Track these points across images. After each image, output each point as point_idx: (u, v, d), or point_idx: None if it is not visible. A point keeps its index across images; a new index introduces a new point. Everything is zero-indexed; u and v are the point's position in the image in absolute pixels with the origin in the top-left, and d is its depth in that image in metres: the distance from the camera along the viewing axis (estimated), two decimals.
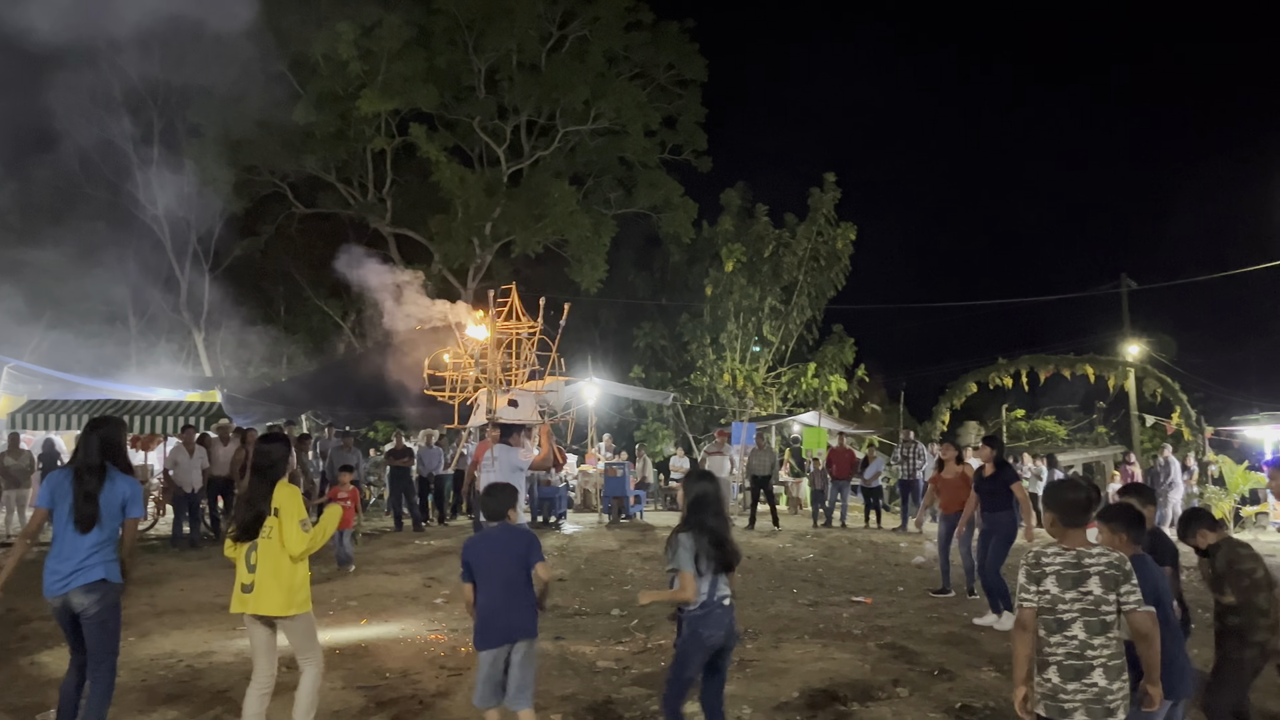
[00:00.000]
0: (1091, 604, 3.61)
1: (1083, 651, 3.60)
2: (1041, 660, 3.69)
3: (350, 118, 24.61)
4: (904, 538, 15.32)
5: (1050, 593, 3.65)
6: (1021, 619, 3.71)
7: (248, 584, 4.61)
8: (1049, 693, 3.64)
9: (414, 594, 9.44)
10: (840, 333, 28.59)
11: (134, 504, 4.73)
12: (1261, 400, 27.40)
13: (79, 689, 4.73)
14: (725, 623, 4.54)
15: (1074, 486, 3.93)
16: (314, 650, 4.78)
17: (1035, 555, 3.75)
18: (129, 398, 15.65)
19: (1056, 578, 3.65)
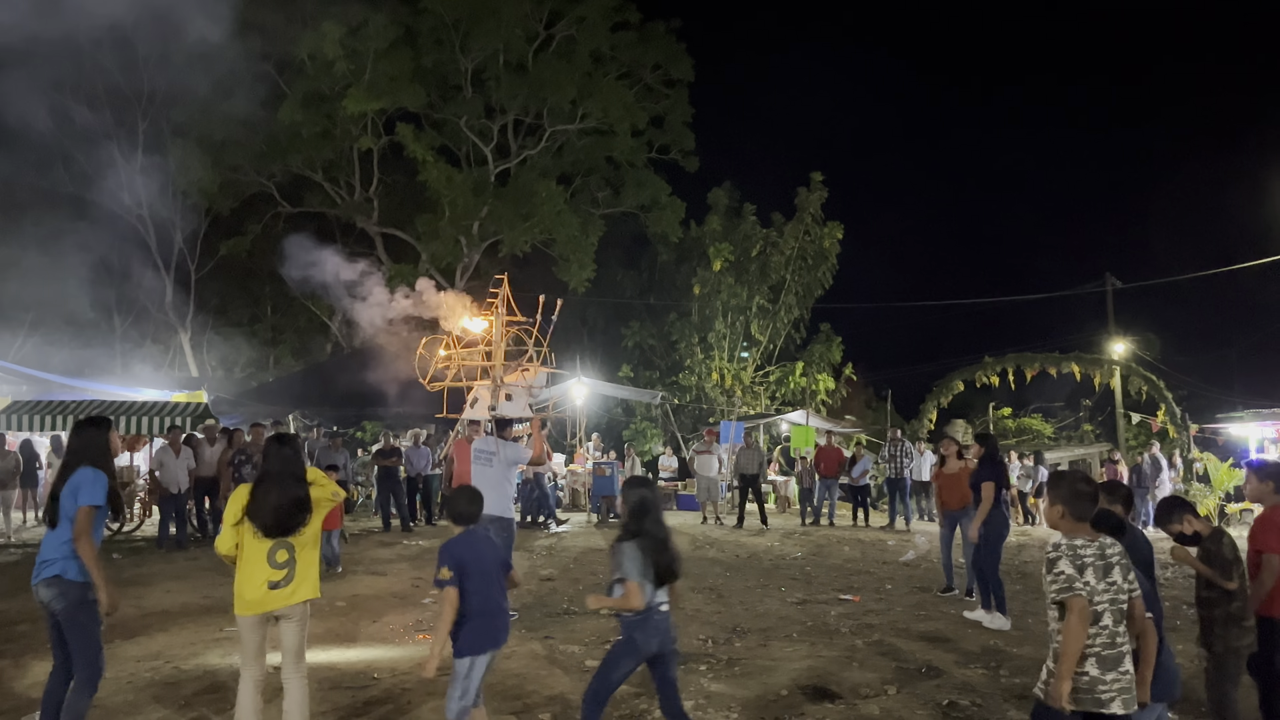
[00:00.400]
0: (1116, 593, 3.66)
1: (1114, 640, 3.63)
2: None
3: (336, 117, 24.52)
4: (891, 535, 15.37)
5: (1090, 584, 3.64)
6: (1082, 609, 3.58)
7: (277, 580, 4.55)
8: (1087, 685, 3.60)
9: (402, 594, 9.42)
10: (828, 331, 28.67)
11: (85, 491, 4.63)
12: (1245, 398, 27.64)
13: (61, 691, 4.71)
14: (662, 629, 4.51)
15: (1083, 478, 3.91)
16: (304, 655, 4.79)
17: (1071, 548, 3.69)
18: (114, 398, 15.58)
19: (1093, 569, 3.66)
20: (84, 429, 4.92)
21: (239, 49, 24.60)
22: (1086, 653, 3.62)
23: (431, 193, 24.95)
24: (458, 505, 4.77)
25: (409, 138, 24.47)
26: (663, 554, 4.50)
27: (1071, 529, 3.75)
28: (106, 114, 25.36)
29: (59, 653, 4.74)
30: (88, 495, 4.63)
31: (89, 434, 4.87)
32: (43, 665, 6.53)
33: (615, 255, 30.13)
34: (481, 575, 4.55)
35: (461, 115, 26.05)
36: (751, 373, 28.19)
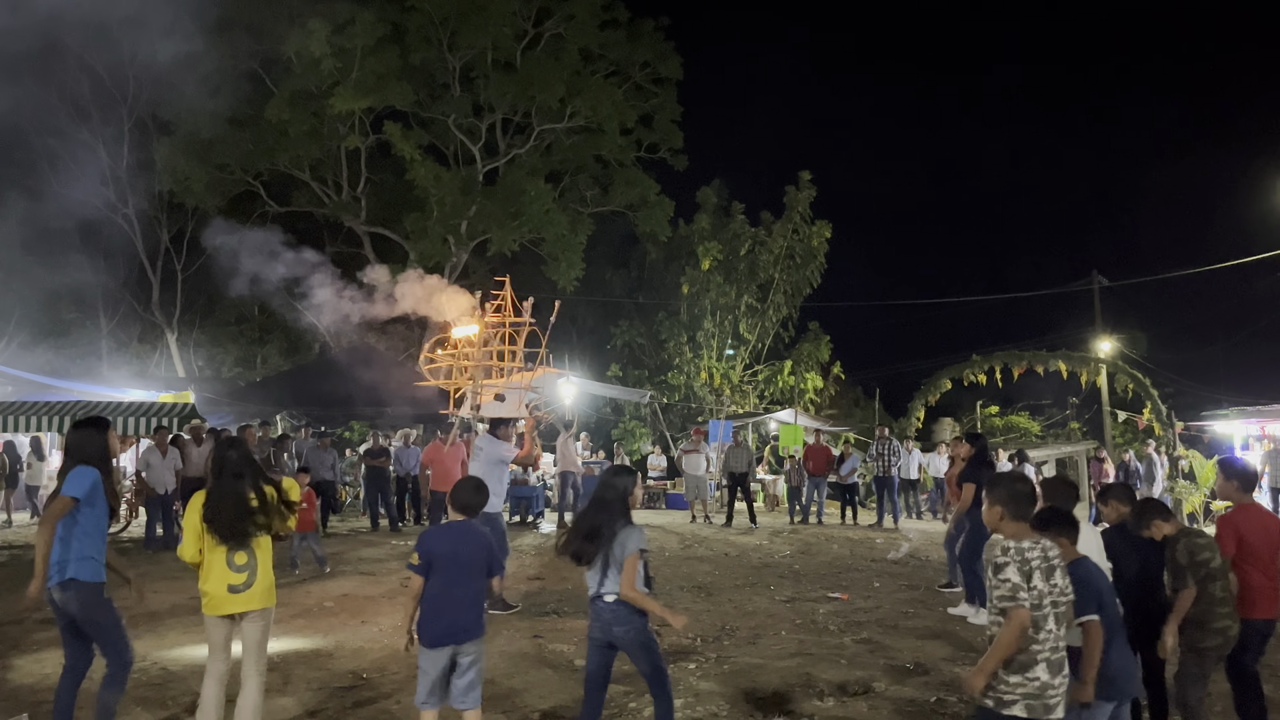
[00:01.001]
0: (1060, 596, 3.63)
1: (1059, 645, 3.61)
2: (1028, 659, 3.55)
3: (324, 115, 24.41)
4: (880, 534, 15.42)
5: (1038, 588, 3.56)
6: (1024, 620, 3.51)
7: (238, 584, 4.62)
8: (1036, 691, 3.53)
9: (390, 594, 9.39)
10: (816, 330, 28.73)
11: (66, 483, 4.67)
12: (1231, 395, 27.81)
13: (72, 691, 4.76)
14: (601, 620, 4.56)
15: (1021, 479, 3.84)
16: (264, 657, 4.83)
17: (1018, 551, 3.60)
18: (100, 399, 15.48)
19: (1040, 572, 3.59)
20: (81, 428, 4.91)
21: (225, 46, 24.49)
22: (1037, 658, 3.54)
23: (419, 191, 24.87)
24: (460, 496, 4.81)
25: (397, 136, 24.39)
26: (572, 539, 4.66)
27: (1014, 531, 3.68)
28: (92, 112, 25.22)
29: (70, 652, 4.79)
30: (67, 487, 4.65)
31: (86, 433, 4.86)
32: (29, 665, 6.51)
33: (604, 254, 30.12)
34: (446, 570, 4.53)
35: (449, 114, 25.97)
36: (740, 372, 28.23)
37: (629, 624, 4.53)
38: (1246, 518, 5.06)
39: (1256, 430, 19.46)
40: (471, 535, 4.69)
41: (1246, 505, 5.14)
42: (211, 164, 24.56)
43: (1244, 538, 4.96)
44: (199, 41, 24.13)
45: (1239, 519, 5.04)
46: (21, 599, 4.68)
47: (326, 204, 27.28)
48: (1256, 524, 5.05)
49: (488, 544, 4.72)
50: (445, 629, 4.50)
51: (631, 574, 4.50)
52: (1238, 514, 5.07)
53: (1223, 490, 5.26)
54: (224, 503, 4.62)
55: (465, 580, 4.57)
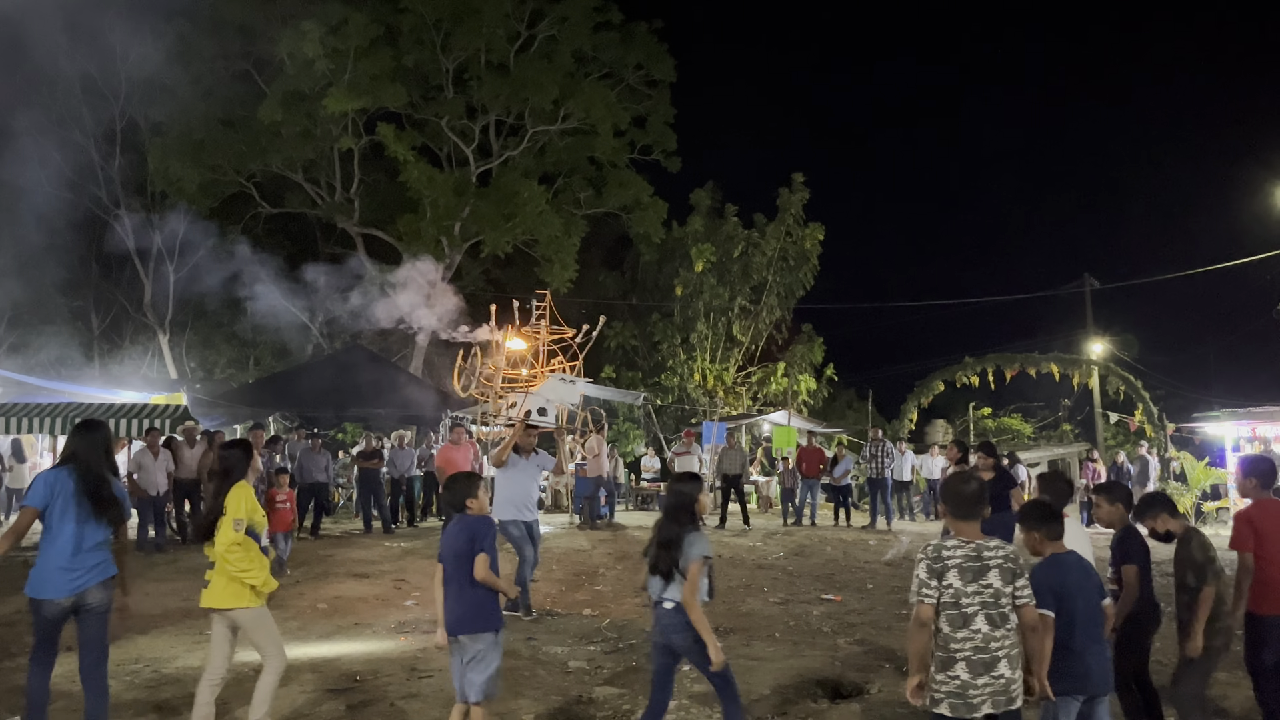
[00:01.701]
0: (992, 596, 3.61)
1: (988, 644, 3.59)
2: (947, 657, 3.62)
3: (317, 117, 24.36)
4: (873, 535, 15.44)
5: (953, 586, 3.61)
6: (922, 615, 3.64)
7: (206, 580, 4.91)
8: (957, 690, 3.59)
9: (384, 596, 9.38)
10: (809, 332, 28.77)
11: (127, 506, 5.02)
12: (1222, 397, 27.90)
13: (47, 686, 4.83)
14: (661, 623, 4.57)
15: (965, 479, 3.90)
16: (272, 647, 4.94)
17: (935, 549, 3.69)
18: (91, 400, 15.42)
19: (959, 571, 3.62)
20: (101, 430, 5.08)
21: (218, 47, 24.46)
22: (955, 656, 3.60)
23: (413, 193, 24.84)
24: (446, 494, 5.07)
25: (390, 138, 24.36)
26: (650, 547, 4.66)
27: (955, 529, 3.76)
28: (83, 111, 25.12)
29: (49, 652, 4.82)
30: (129, 510, 5.12)
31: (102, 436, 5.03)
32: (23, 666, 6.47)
33: (597, 256, 30.13)
34: (446, 566, 4.79)
35: (443, 115, 25.95)
36: (733, 373, 28.25)
37: (689, 630, 4.49)
38: (1264, 513, 5.01)
39: (1247, 432, 19.52)
40: (460, 530, 4.83)
41: (1264, 501, 5.09)
42: (204, 165, 24.50)
43: (1262, 533, 4.91)
44: (191, 42, 24.11)
45: (1256, 514, 4.99)
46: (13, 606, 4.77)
47: (319, 205, 27.23)
48: (1276, 519, 5.00)
49: (475, 532, 4.80)
50: (449, 620, 4.73)
51: (695, 582, 4.48)
52: (1255, 509, 5.03)
53: (1243, 488, 5.19)
54: (205, 501, 4.95)
55: (457, 574, 4.73)
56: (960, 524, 3.76)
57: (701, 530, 4.69)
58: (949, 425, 33.13)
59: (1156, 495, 5.21)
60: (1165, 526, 4.92)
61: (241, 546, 4.78)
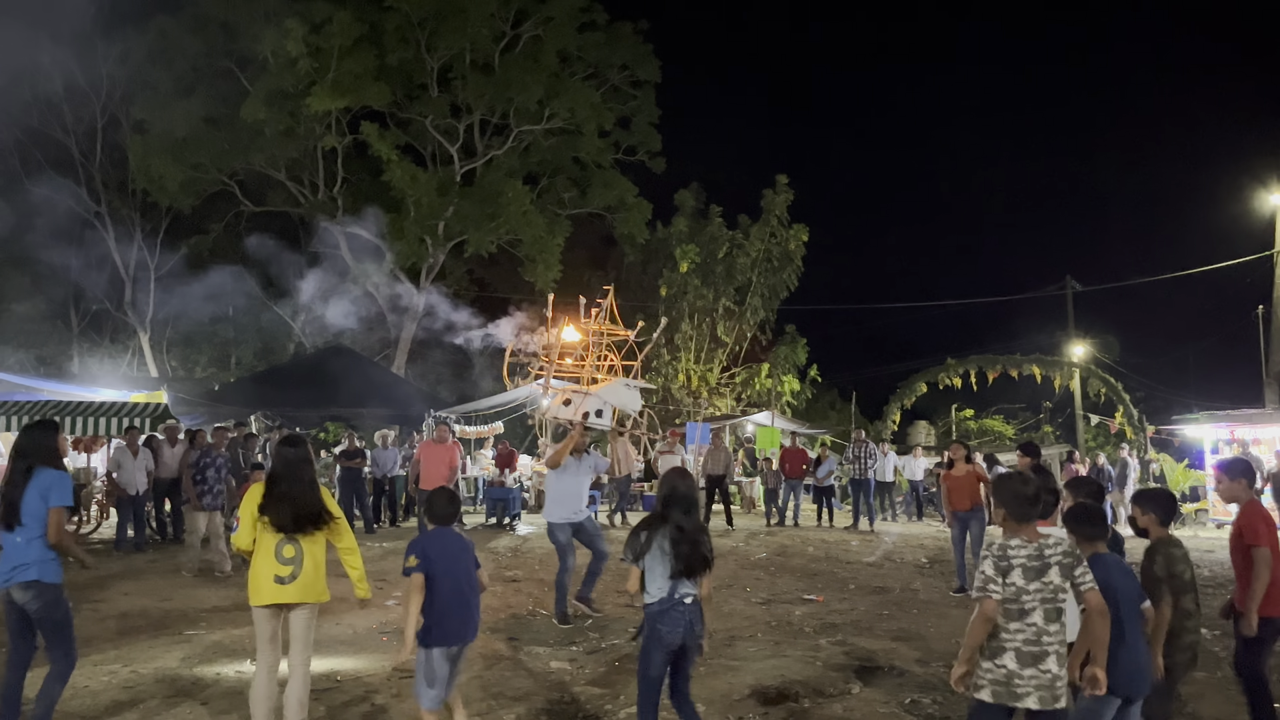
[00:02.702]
0: (1051, 593, 3.71)
1: (1039, 638, 3.68)
2: (996, 646, 3.72)
3: (300, 115, 24.25)
4: (856, 536, 15.49)
5: (1016, 584, 3.71)
6: (988, 610, 3.73)
7: (284, 575, 4.79)
8: (1003, 679, 3.68)
9: None
10: (793, 333, 28.84)
11: (56, 493, 4.79)
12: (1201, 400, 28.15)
13: (19, 682, 4.87)
14: (683, 622, 4.53)
15: (1022, 480, 3.96)
16: (311, 644, 5.01)
17: (1001, 549, 3.79)
18: (71, 398, 15.27)
19: (1023, 570, 3.72)
20: (34, 431, 5.05)
21: (200, 44, 24.32)
22: (1005, 646, 3.70)
23: (396, 192, 24.77)
24: (436, 506, 5.01)
25: (374, 136, 24.28)
26: (683, 544, 4.53)
27: (1014, 530, 3.84)
28: (65, 109, 24.93)
29: (18, 645, 4.86)
30: (59, 496, 4.79)
31: (39, 435, 5.00)
32: None
33: (581, 256, 30.09)
34: (446, 571, 4.74)
35: (427, 114, 25.89)
36: (718, 374, 28.29)
37: (701, 622, 4.60)
38: (1263, 509, 5.02)
39: (1226, 434, 19.68)
40: (462, 541, 4.94)
41: (1255, 502, 5.10)
42: (186, 163, 24.35)
43: (1269, 528, 4.91)
44: (173, 39, 23.96)
45: (1260, 509, 5.00)
46: None
47: (302, 204, 27.10)
48: (1269, 519, 5.01)
49: (468, 544, 4.96)
50: (458, 628, 4.74)
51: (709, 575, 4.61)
52: (1256, 506, 5.03)
53: (1230, 492, 5.12)
54: (292, 494, 4.79)
55: (470, 584, 4.83)
56: (1019, 525, 3.84)
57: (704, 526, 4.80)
58: (931, 426, 33.28)
59: (1161, 495, 5.06)
60: (1150, 527, 4.87)
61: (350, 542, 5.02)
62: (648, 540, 4.56)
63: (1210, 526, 18.53)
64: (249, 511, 4.83)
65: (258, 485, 4.92)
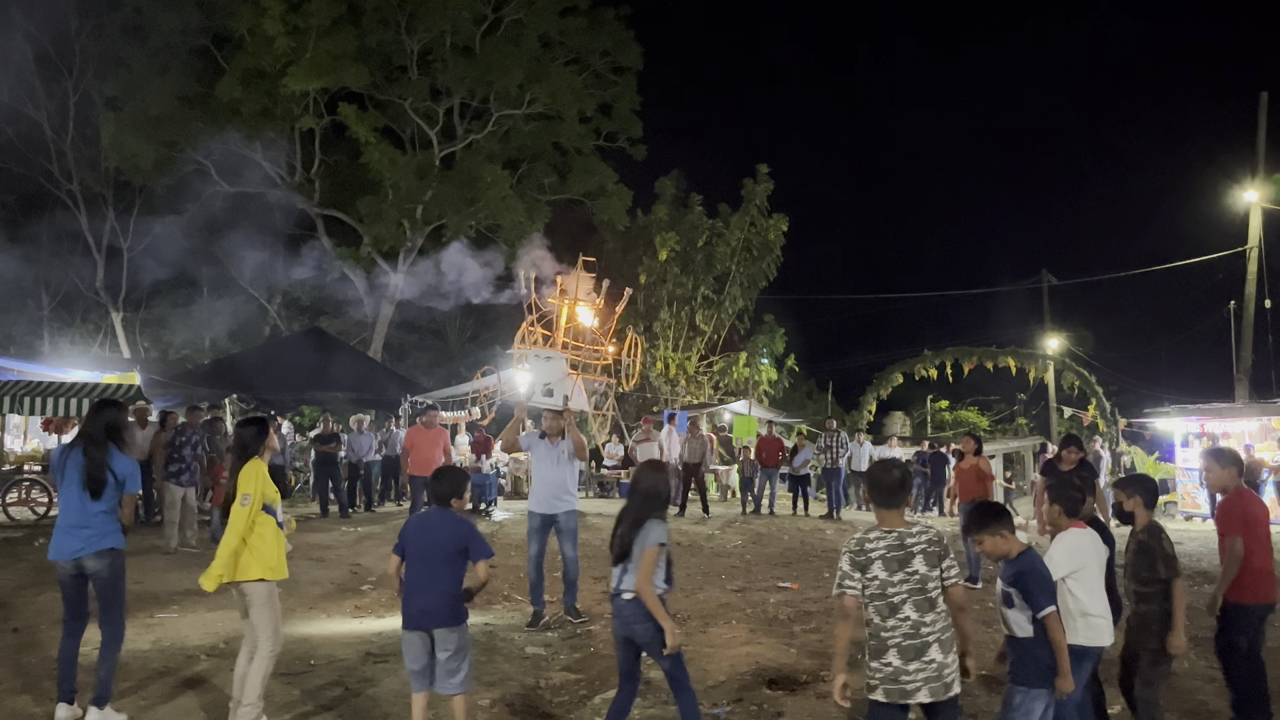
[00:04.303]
0: (918, 583, 3.63)
1: (918, 630, 3.61)
2: (878, 645, 3.67)
3: (277, 95, 23.96)
4: (830, 525, 15.57)
5: (879, 578, 3.64)
6: (845, 606, 3.71)
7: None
8: (890, 676, 3.63)
9: (340, 581, 9.30)
10: (771, 323, 28.88)
11: (133, 481, 5.23)
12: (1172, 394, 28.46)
13: (75, 651, 5.19)
14: (621, 616, 4.46)
15: (888, 467, 3.91)
16: (268, 629, 4.95)
17: (859, 542, 3.72)
18: (42, 379, 15.07)
19: (883, 562, 3.65)
20: (111, 409, 5.31)
21: (175, 21, 23.96)
22: (887, 644, 3.64)
23: (374, 175, 24.55)
24: (434, 484, 4.88)
25: (352, 118, 24.02)
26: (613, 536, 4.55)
27: (880, 518, 3.79)
28: (36, 84, 24.52)
29: (74, 621, 5.21)
30: (135, 485, 5.24)
31: (113, 414, 5.27)
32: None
33: (561, 242, 29.88)
34: (413, 555, 4.64)
35: (406, 97, 25.64)
36: (695, 362, 28.31)
37: (649, 620, 4.40)
38: (1245, 501, 5.07)
39: (1196, 428, 19.94)
40: (446, 524, 4.71)
41: (1242, 490, 5.15)
42: (160, 141, 23.98)
43: (1246, 520, 4.96)
44: (148, 15, 23.59)
45: (1240, 500, 5.06)
46: None
47: (279, 185, 26.81)
48: (1257, 507, 5.07)
49: (464, 533, 4.71)
50: (417, 614, 4.58)
51: (649, 568, 4.39)
52: (1239, 495, 5.08)
53: (1219, 480, 5.16)
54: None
55: (438, 568, 4.60)
56: (885, 513, 3.78)
57: (663, 519, 4.59)
58: (907, 417, 33.53)
59: (1144, 479, 5.14)
60: (1132, 508, 4.90)
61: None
62: None
63: (1179, 519, 18.78)
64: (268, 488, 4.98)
65: (258, 465, 4.96)
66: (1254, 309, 23.11)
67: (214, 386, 17.61)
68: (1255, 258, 23.03)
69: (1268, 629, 5.16)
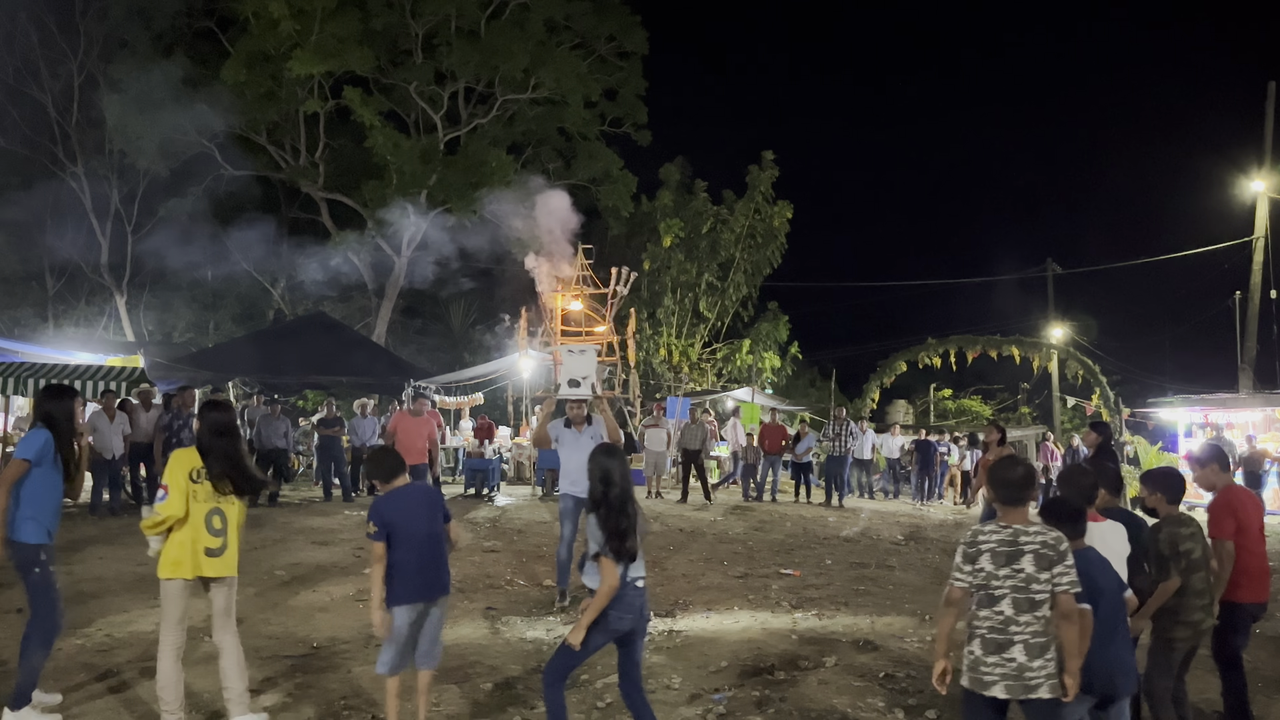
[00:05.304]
0: (1023, 582, 3.62)
1: (1006, 627, 3.62)
2: (970, 633, 3.73)
3: (282, 78, 23.90)
4: (832, 512, 15.59)
5: (985, 569, 3.67)
6: (950, 596, 3.76)
7: (215, 547, 4.61)
8: (972, 664, 3.69)
9: (342, 564, 9.33)
10: (775, 310, 28.84)
11: (19, 445, 4.89)
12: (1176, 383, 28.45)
13: None
14: (636, 607, 4.35)
15: (1013, 464, 3.92)
16: (234, 616, 4.81)
17: (972, 534, 3.76)
18: (46, 361, 15.10)
19: (991, 555, 3.67)
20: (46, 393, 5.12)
21: (180, 3, 23.90)
22: (974, 632, 3.69)
23: (379, 159, 24.51)
24: (374, 469, 4.81)
25: (356, 102, 23.97)
26: (619, 523, 4.30)
27: (1001, 513, 3.80)
28: (41, 66, 24.48)
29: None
30: (19, 449, 4.84)
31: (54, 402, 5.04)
32: None
33: None
34: (407, 530, 4.57)
35: (411, 81, 25.58)
36: (699, 349, 28.30)
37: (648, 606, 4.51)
38: (1236, 498, 5.01)
39: (1200, 418, 19.92)
40: (428, 493, 4.81)
41: (1231, 486, 5.09)
42: (164, 124, 23.95)
43: (1241, 521, 4.90)
44: None
45: (1235, 501, 4.98)
46: None
47: (283, 169, 26.78)
48: (1248, 504, 5.00)
49: (435, 498, 4.79)
50: (423, 585, 4.56)
51: None
52: (1231, 496, 5.01)
53: (1205, 479, 5.11)
54: (235, 458, 4.65)
55: (434, 537, 4.65)
56: (1007, 509, 3.78)
57: None
58: (910, 405, 33.51)
59: (1168, 474, 5.04)
60: (1158, 506, 4.83)
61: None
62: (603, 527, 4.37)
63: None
64: (181, 478, 4.58)
65: (188, 451, 4.68)
66: (1259, 299, 23.05)
67: (218, 370, 17.65)
68: (1261, 248, 22.96)
69: (1267, 619, 5.14)
